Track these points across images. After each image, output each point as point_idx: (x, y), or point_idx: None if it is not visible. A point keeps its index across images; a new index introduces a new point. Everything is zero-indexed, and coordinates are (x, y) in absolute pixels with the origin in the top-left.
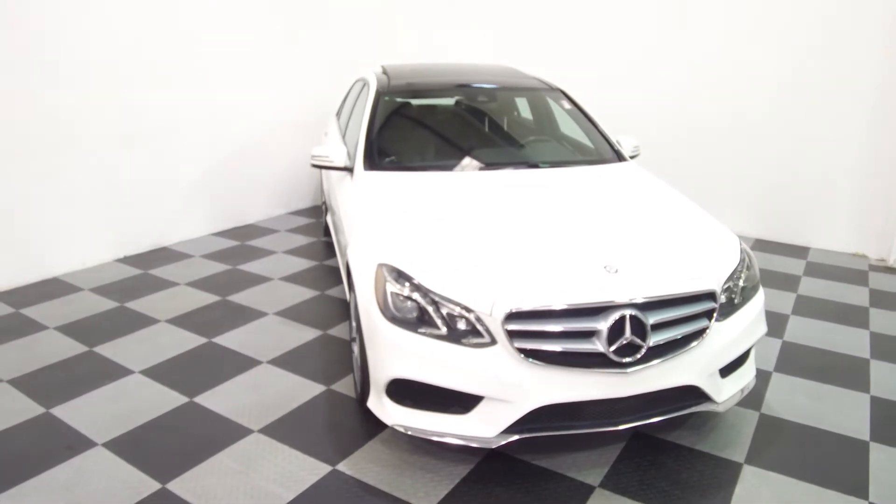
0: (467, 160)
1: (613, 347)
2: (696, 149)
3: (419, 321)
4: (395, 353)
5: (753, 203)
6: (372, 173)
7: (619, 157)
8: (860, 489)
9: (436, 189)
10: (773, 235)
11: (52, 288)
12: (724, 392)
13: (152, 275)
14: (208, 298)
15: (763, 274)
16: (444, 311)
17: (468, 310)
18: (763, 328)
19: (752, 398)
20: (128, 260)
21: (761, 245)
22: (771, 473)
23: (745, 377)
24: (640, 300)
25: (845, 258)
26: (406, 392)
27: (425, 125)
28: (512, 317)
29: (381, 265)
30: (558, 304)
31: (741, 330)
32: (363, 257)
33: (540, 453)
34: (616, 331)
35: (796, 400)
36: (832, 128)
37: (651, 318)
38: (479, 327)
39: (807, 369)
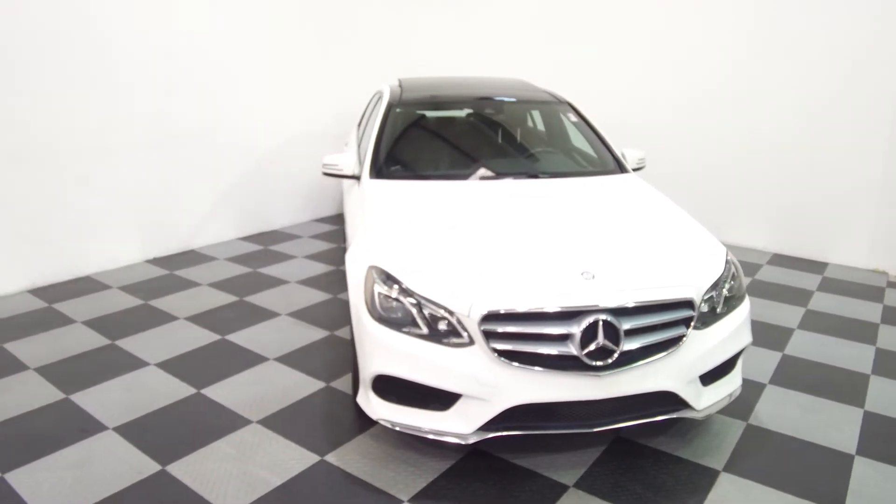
0: (470, 170)
1: (586, 351)
2: (714, 162)
3: (404, 321)
4: (379, 351)
5: (771, 217)
6: (377, 181)
7: (622, 169)
8: (837, 501)
9: (435, 197)
10: (791, 250)
11: (84, 285)
12: (705, 399)
13: (177, 275)
14: (226, 299)
15: (774, 288)
16: (427, 312)
17: (449, 311)
18: (747, 338)
19: (741, 408)
20: (156, 261)
21: (779, 260)
22: (747, 482)
23: (729, 386)
24: (613, 305)
25: (864, 274)
26: (391, 388)
27: (432, 136)
28: (488, 318)
29: (371, 267)
30: (532, 307)
31: (722, 339)
32: (357, 259)
33: (520, 452)
34: (589, 335)
35: (787, 412)
36: (852, 141)
37: (625, 324)
38: (459, 328)
39: (803, 382)
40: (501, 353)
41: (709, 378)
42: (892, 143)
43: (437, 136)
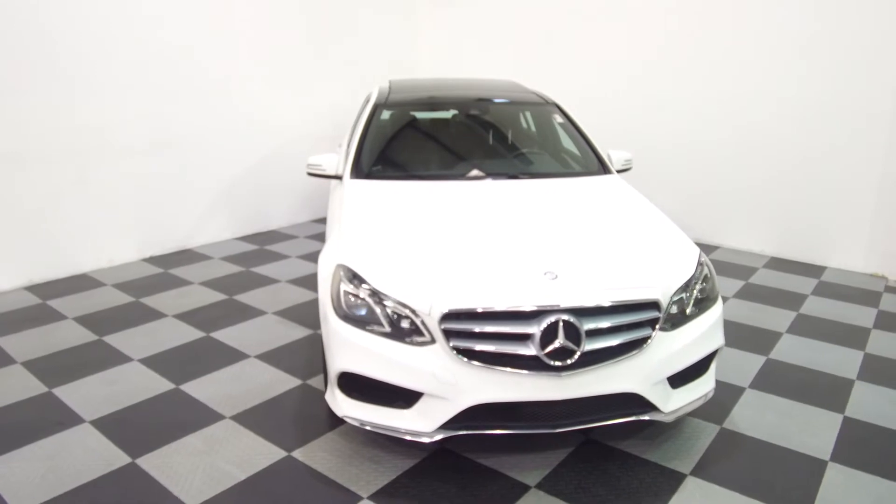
0: (450, 171)
1: (546, 351)
2: (711, 165)
3: (368, 319)
4: (344, 349)
5: (769, 221)
6: (357, 181)
7: (605, 170)
8: None
9: (413, 198)
10: (788, 254)
11: (79, 283)
12: (673, 402)
13: (171, 274)
14: (216, 297)
15: (768, 292)
16: (390, 311)
17: (412, 310)
18: (719, 341)
19: (716, 412)
20: (152, 260)
21: (776, 263)
22: (713, 486)
23: (700, 389)
24: (573, 305)
25: (862, 278)
26: (356, 386)
27: (415, 137)
28: (448, 317)
29: (339, 266)
30: (491, 306)
31: (691, 341)
32: (328, 258)
33: (487, 452)
34: (549, 335)
35: (763, 417)
36: (851, 144)
37: (587, 324)
38: (421, 326)
39: (784, 387)
40: (461, 352)
41: (679, 380)
42: (891, 146)
43: (420, 137)
